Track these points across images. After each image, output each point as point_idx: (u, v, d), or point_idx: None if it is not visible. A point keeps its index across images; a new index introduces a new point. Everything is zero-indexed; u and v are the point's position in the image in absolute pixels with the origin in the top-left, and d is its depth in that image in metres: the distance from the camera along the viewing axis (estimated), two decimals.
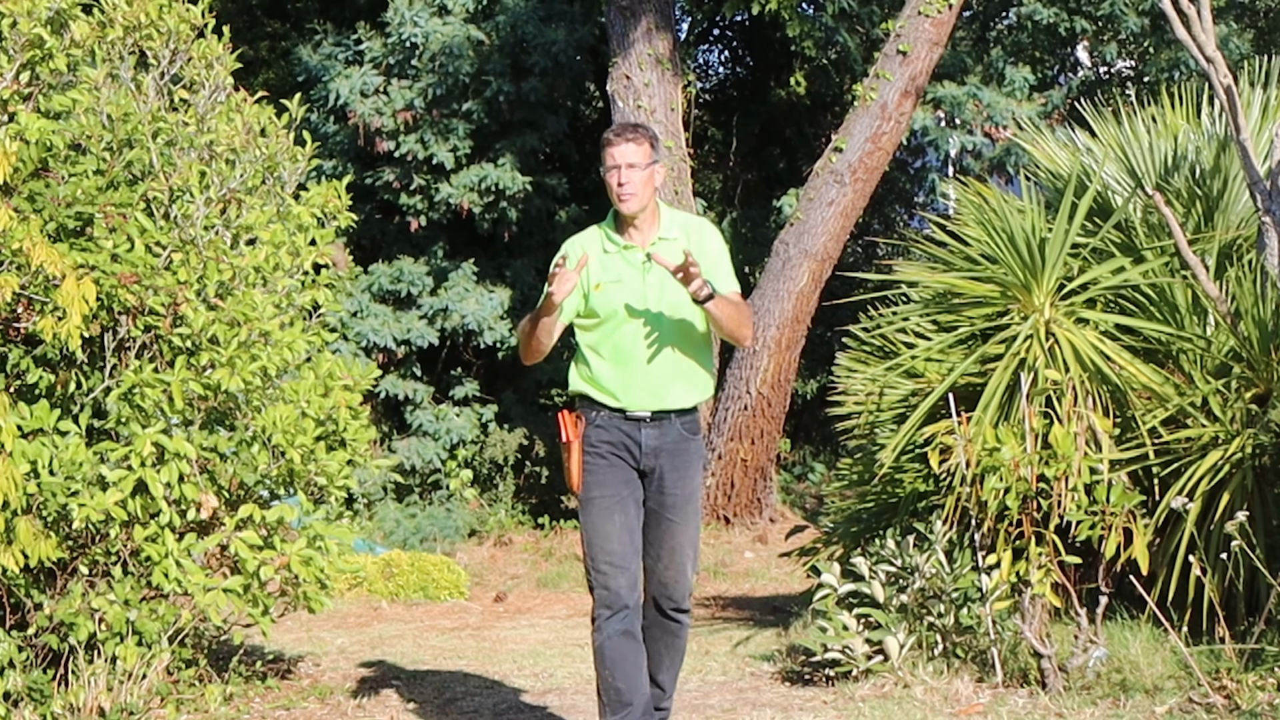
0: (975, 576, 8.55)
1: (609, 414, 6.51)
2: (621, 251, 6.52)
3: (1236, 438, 8.63)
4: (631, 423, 6.51)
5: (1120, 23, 19.54)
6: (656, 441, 6.53)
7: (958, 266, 9.86)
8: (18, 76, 7.70)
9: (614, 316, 6.47)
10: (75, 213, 7.52)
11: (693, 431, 6.67)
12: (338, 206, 9.06)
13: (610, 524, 6.46)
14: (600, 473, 6.50)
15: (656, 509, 6.59)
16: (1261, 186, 9.26)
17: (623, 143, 6.40)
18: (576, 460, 6.50)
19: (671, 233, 6.52)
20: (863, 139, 15.81)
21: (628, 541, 6.47)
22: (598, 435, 6.52)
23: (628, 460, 6.53)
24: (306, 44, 19.42)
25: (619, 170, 6.39)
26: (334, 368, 8.58)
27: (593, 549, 6.47)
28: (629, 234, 6.53)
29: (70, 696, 7.37)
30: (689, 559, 6.64)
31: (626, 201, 6.41)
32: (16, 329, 7.35)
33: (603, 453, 6.51)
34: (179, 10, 8.42)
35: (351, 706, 8.72)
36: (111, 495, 7.16)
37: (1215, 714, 7.47)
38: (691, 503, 6.65)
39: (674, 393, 6.53)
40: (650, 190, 6.46)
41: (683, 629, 6.74)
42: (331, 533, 8.14)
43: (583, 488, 6.50)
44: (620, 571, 6.43)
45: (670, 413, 6.54)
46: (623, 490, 6.50)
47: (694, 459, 6.68)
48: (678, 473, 6.59)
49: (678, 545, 6.59)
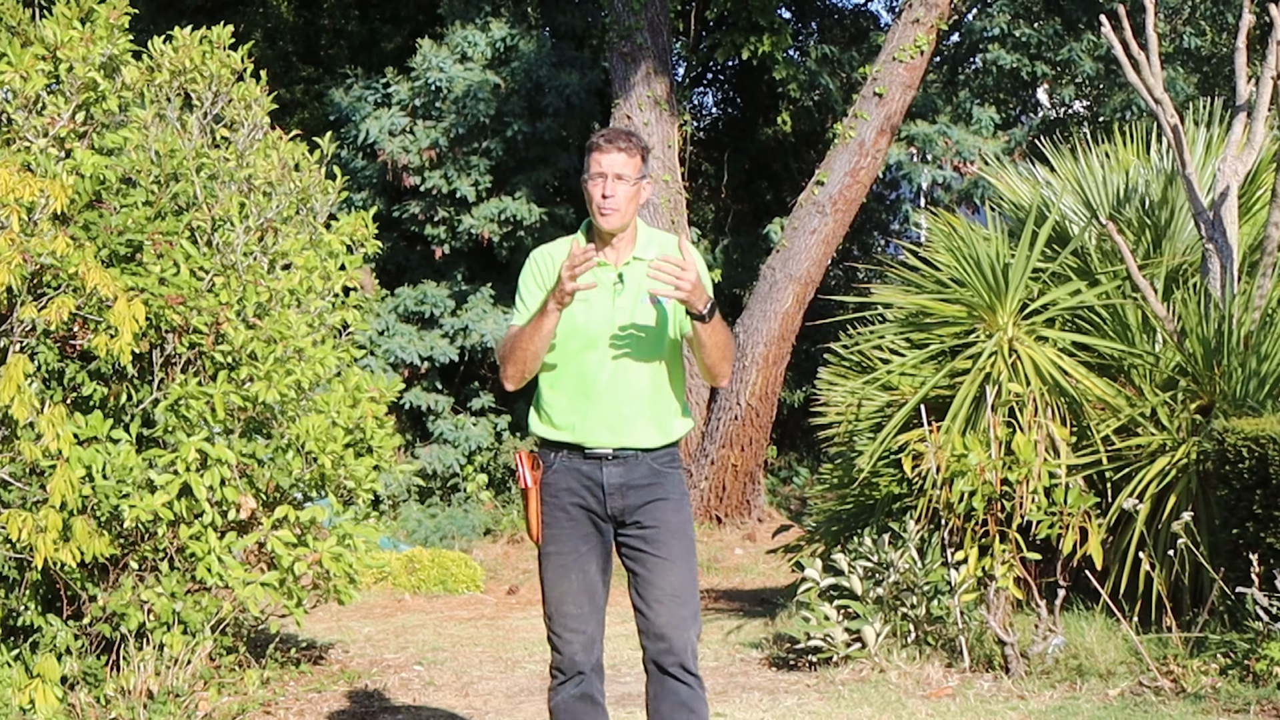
0: (945, 571, 8.54)
1: (567, 454, 5.24)
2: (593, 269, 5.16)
3: (1182, 445, 8.63)
4: (591, 461, 5.23)
5: (1076, 67, 19.54)
6: (621, 479, 5.23)
7: (929, 289, 9.86)
8: (74, 116, 7.69)
9: (576, 338, 5.21)
10: (126, 240, 7.51)
11: (669, 465, 5.33)
12: (365, 235, 9.06)
13: (566, 583, 5.26)
14: (558, 526, 5.26)
15: (640, 549, 5.25)
16: (1205, 216, 9.25)
17: (613, 150, 5.18)
18: (534, 509, 5.28)
19: (648, 252, 5.25)
20: (842, 173, 15.79)
21: (585, 603, 5.26)
22: (556, 482, 5.25)
23: (590, 508, 5.25)
24: (338, 87, 19.41)
25: (605, 180, 5.17)
26: (362, 381, 8.58)
27: (548, 607, 5.29)
28: (603, 251, 5.27)
29: (121, 680, 7.35)
30: (687, 608, 5.24)
31: (608, 217, 5.17)
32: (73, 346, 7.33)
33: (562, 504, 5.25)
34: (220, 56, 8.42)
35: (377, 689, 8.70)
36: (159, 497, 7.15)
37: (1163, 696, 7.45)
38: (680, 539, 5.27)
39: (638, 430, 5.23)
40: (634, 207, 5.24)
41: (696, 697, 5.27)
42: (359, 531, 8.12)
43: (541, 540, 5.29)
44: (575, 635, 5.26)
45: (634, 450, 5.24)
46: (581, 546, 5.25)
47: (675, 491, 5.31)
48: (657, 504, 5.25)
49: (669, 588, 5.22)
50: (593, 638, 5.29)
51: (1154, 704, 7.31)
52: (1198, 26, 20.21)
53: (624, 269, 5.25)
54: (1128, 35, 9.60)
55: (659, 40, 16.87)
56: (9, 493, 6.91)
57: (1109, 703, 7.44)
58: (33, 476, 6.91)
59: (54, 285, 6.88)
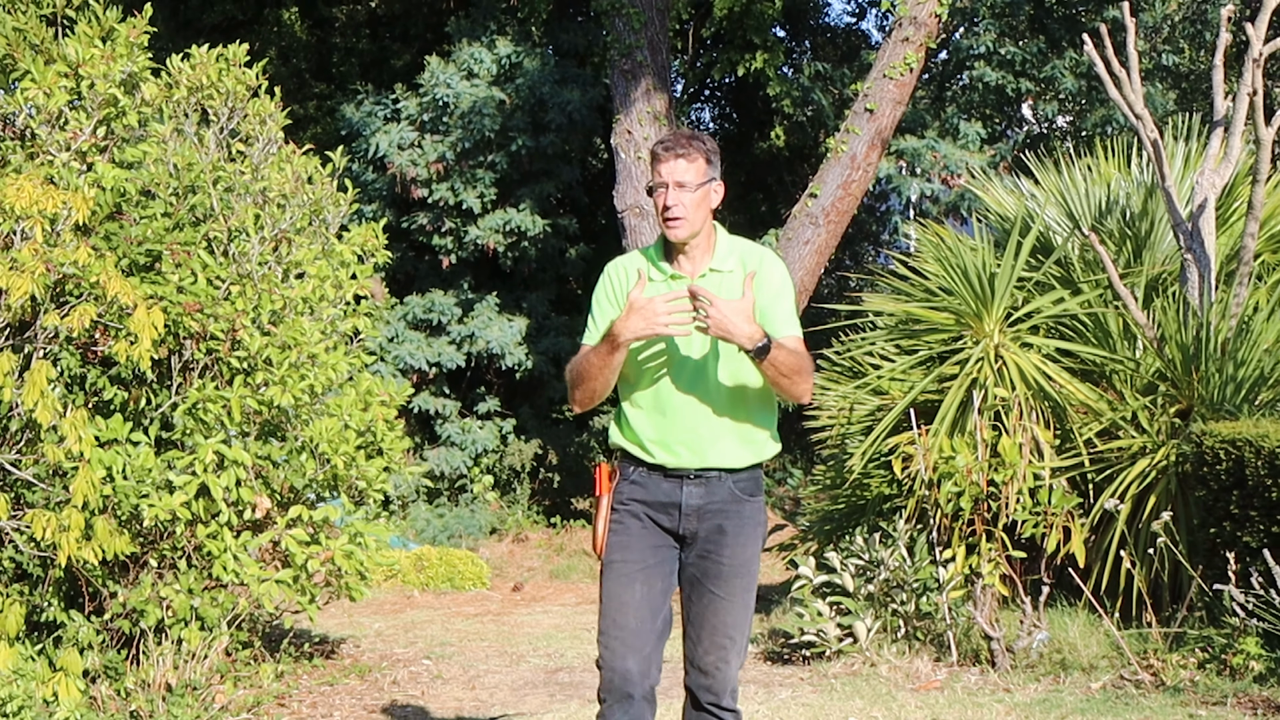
0: (933, 569, 8.54)
1: (647, 470, 4.76)
2: (667, 281, 4.77)
3: (1162, 448, 8.63)
4: (672, 480, 4.74)
5: (1059, 84, 19.53)
6: (700, 500, 4.73)
7: (918, 297, 9.86)
8: (95, 131, 7.70)
9: (654, 358, 4.75)
10: (145, 250, 7.51)
11: (749, 492, 4.80)
12: (376, 245, 9.06)
13: (629, 593, 4.70)
14: (627, 534, 4.76)
15: (699, 578, 4.75)
16: (1184, 228, 9.26)
17: (672, 158, 4.71)
18: (603, 518, 4.80)
19: (727, 264, 4.78)
20: (835, 186, 15.78)
21: (646, 617, 4.69)
22: (631, 492, 4.78)
23: (663, 523, 4.77)
24: (349, 103, 19.40)
25: (666, 190, 4.70)
26: (372, 386, 8.58)
27: (604, 620, 4.72)
28: (678, 262, 4.79)
29: (141, 674, 7.36)
30: (733, 647, 4.74)
31: (673, 228, 4.70)
32: (95, 352, 7.34)
33: (635, 512, 4.77)
34: (236, 73, 8.43)
35: (388, 682, 8.70)
36: (177, 497, 7.15)
37: (1143, 689, 7.44)
38: (742, 576, 4.76)
39: (721, 449, 4.73)
40: (703, 214, 4.74)
41: None
42: (370, 530, 8.13)
43: (606, 549, 4.78)
44: (630, 652, 4.66)
45: (717, 470, 4.74)
46: (650, 558, 4.74)
47: (749, 524, 4.78)
48: (726, 537, 4.74)
49: (720, 625, 4.72)
50: (649, 658, 4.69)
51: (1134, 697, 7.31)
52: (1176, 45, 20.21)
53: (700, 281, 4.73)
54: (1109, 53, 9.61)
55: (658, 58, 16.86)
56: (33, 493, 6.91)
57: (1091, 695, 7.44)
58: (56, 478, 6.91)
59: (76, 294, 6.88)
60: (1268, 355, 8.68)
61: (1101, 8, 19.27)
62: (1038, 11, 19.73)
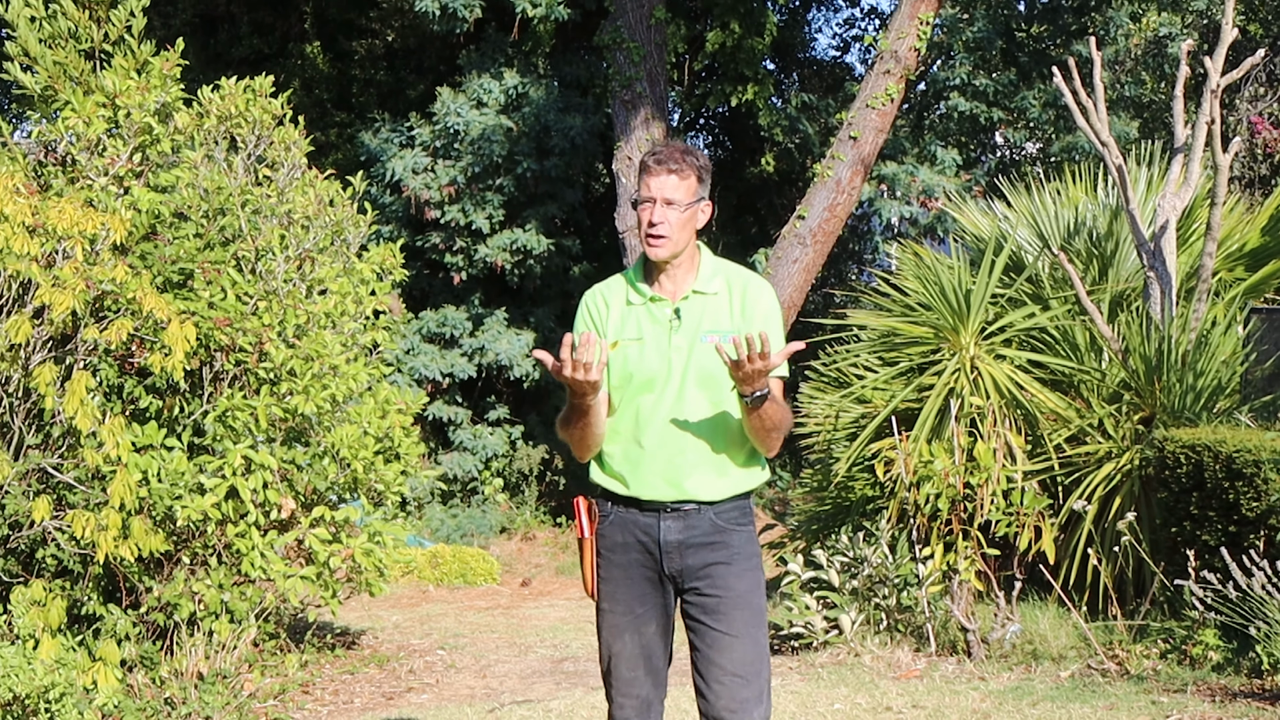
0: (913, 566, 8.54)
1: (623, 507, 4.23)
2: (646, 304, 4.23)
3: (1126, 452, 8.64)
4: (649, 515, 4.20)
5: (1029, 113, 19.55)
6: (680, 535, 4.18)
7: (898, 312, 9.87)
8: (131, 157, 7.71)
9: (630, 382, 4.18)
10: (178, 268, 7.52)
11: (735, 522, 4.22)
12: (393, 264, 9.08)
13: (620, 644, 4.25)
14: (613, 584, 4.26)
15: (700, 620, 4.20)
16: (1147, 247, 9.27)
17: (664, 173, 4.17)
18: (589, 562, 4.30)
19: (712, 285, 4.24)
20: (821, 208, 15.79)
21: (639, 665, 4.24)
22: (612, 535, 4.24)
23: (647, 565, 4.23)
24: (368, 130, 19.41)
25: (653, 206, 4.16)
26: (390, 395, 8.59)
27: (603, 664, 4.31)
28: (658, 283, 4.24)
29: (175, 663, 7.36)
30: (751, 685, 4.14)
31: (655, 246, 4.16)
32: (131, 363, 7.34)
33: (618, 560, 4.24)
34: (262, 103, 8.44)
35: (405, 671, 8.70)
36: (208, 499, 7.15)
37: (1109, 678, 7.45)
38: (744, 608, 4.18)
39: (696, 481, 4.17)
40: (688, 234, 4.19)
41: None
42: (388, 530, 8.13)
43: (596, 594, 4.30)
44: (628, 700, 4.26)
45: (695, 503, 4.17)
46: (638, 608, 4.23)
47: (739, 555, 4.20)
48: (717, 566, 4.18)
49: (734, 667, 4.14)
50: (648, 701, 4.27)
51: (1101, 685, 7.31)
52: (1138, 77, 20.25)
53: (682, 304, 4.22)
54: (1077, 84, 9.63)
55: (656, 89, 16.88)
56: (74, 495, 6.91)
57: (1061, 683, 7.44)
58: (95, 481, 6.91)
59: (114, 309, 6.89)
60: (1225, 366, 8.70)
61: (1069, 42, 19.31)
62: (1009, 45, 19.76)
